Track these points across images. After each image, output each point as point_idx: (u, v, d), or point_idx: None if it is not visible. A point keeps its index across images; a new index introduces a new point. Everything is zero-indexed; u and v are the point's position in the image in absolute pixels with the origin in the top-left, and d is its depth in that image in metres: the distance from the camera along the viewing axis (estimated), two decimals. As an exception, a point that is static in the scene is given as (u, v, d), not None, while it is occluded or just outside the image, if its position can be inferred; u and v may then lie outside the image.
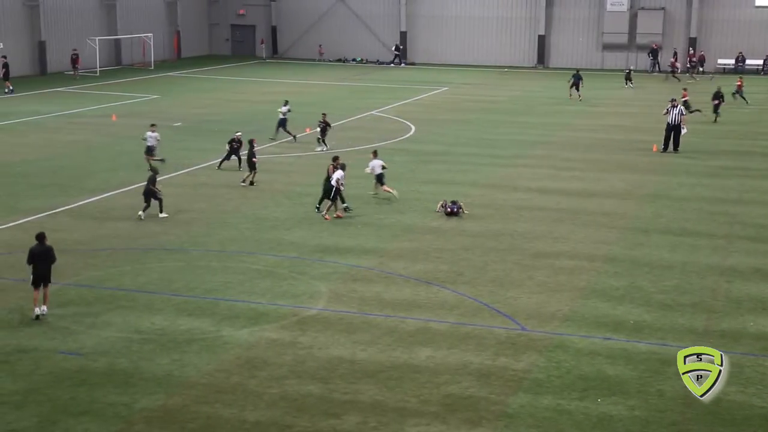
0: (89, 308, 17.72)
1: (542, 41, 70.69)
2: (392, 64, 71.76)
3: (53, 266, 17.33)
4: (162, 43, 71.57)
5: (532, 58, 70.82)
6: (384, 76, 64.66)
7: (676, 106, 35.47)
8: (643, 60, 67.16)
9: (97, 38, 62.74)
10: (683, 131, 35.52)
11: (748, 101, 48.60)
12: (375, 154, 27.66)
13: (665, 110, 35.74)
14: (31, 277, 17.15)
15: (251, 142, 29.12)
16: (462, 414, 13.60)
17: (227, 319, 17.24)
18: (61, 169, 30.95)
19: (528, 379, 14.80)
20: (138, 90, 53.98)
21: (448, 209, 24.98)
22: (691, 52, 66.79)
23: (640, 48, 68.16)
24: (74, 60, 59.60)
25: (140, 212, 24.51)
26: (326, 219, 24.22)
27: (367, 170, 27.23)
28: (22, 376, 14.61)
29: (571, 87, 51.18)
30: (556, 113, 46.61)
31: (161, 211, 24.75)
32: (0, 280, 19.33)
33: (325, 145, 34.01)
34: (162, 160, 30.59)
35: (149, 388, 14.24)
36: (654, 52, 67.03)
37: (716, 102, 43.27)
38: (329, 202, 24.67)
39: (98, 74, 60.98)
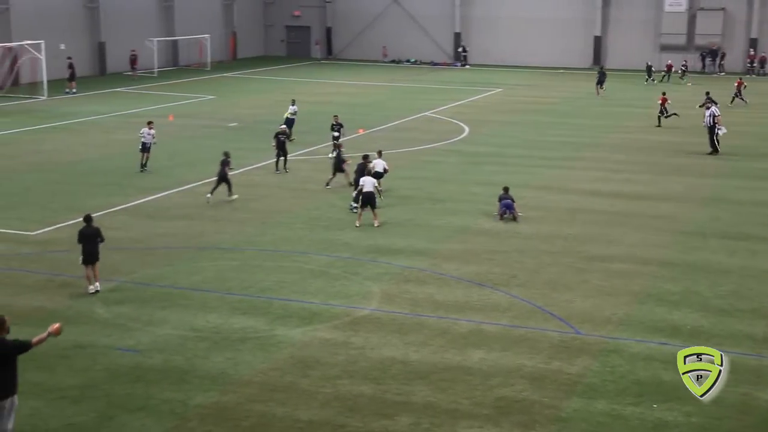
0: (145, 306, 17.93)
1: (598, 42, 69.93)
2: (458, 65, 71.46)
3: (101, 245, 18.80)
4: (218, 44, 72.31)
5: (587, 59, 70.08)
6: (438, 78, 64.51)
7: (709, 107, 35.19)
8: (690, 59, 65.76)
9: (155, 39, 63.61)
10: (720, 132, 34.83)
11: (746, 101, 48.45)
12: (380, 153, 27.65)
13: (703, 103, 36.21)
14: (81, 256, 18.57)
15: (339, 147, 28.79)
16: (515, 417, 13.47)
17: (281, 318, 17.31)
18: (118, 168, 31.41)
19: (582, 384, 14.61)
20: (194, 90, 54.59)
21: (502, 212, 24.69)
22: (752, 53, 65.54)
23: (699, 49, 67.07)
24: (133, 61, 60.53)
25: (208, 194, 26.05)
26: (357, 226, 23.78)
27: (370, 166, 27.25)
28: (80, 372, 14.83)
29: (597, 84, 53.06)
30: (609, 115, 46.05)
31: (230, 193, 26.09)
32: (60, 276, 19.65)
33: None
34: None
35: (204, 386, 14.34)
36: (713, 53, 65.89)
37: None
38: (366, 208, 23.91)
39: (156, 75, 61.82)
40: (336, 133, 33.07)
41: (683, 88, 56.89)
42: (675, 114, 42.06)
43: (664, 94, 43.53)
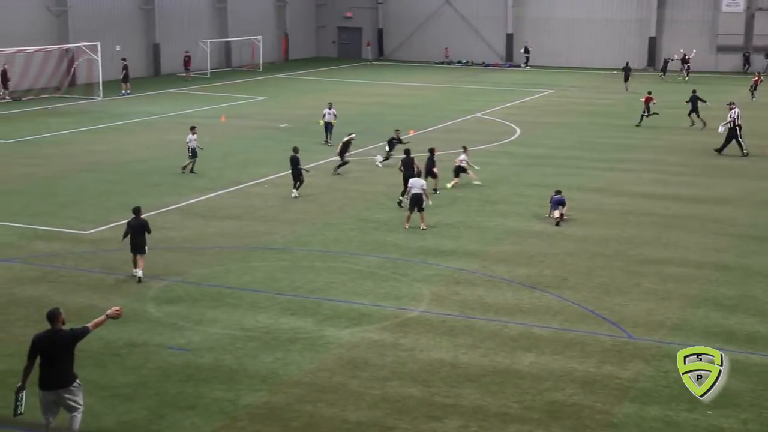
0: (196, 305, 18.10)
1: (653, 43, 69.01)
2: (522, 66, 71.06)
3: (148, 236, 19.61)
4: (270, 46, 72.88)
5: (642, 60, 69.20)
6: (489, 79, 64.22)
7: (733, 109, 34.61)
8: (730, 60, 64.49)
9: (208, 41, 64.33)
10: (720, 129, 34.63)
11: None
12: (464, 149, 28.85)
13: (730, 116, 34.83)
14: (130, 245, 19.53)
15: (431, 151, 27.96)
16: (565, 422, 13.33)
17: (330, 319, 17.36)
18: (171, 169, 31.77)
19: (635, 389, 14.41)
20: (246, 91, 55.07)
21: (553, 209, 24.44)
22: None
23: (757, 51, 65.87)
24: (186, 62, 61.25)
25: (293, 190, 27.11)
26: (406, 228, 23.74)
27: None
28: (132, 370, 15.02)
29: (625, 81, 55.30)
30: (664, 116, 45.36)
31: (295, 188, 27.07)
32: (113, 275, 19.94)
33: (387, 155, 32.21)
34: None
35: (253, 385, 14.43)
36: None
37: None
38: (414, 211, 23.74)
39: (209, 76, 62.52)
40: (388, 148, 32.05)
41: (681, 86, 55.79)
42: (656, 113, 41.78)
43: (649, 93, 43.05)
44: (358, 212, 25.75)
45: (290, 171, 27.68)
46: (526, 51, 71.20)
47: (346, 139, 31.47)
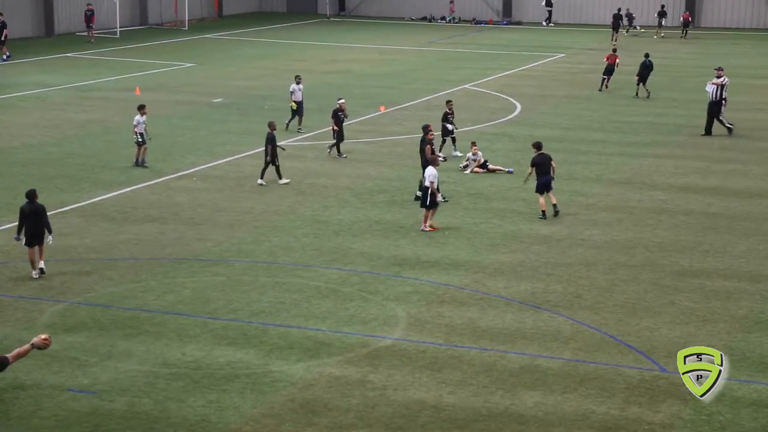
0: (104, 334, 18.05)
1: (691, -1, 69.93)
2: (544, 23, 71.47)
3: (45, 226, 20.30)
4: (199, -2, 72.81)
5: (676, 15, 69.82)
6: (481, 40, 64.56)
7: (721, 77, 35.15)
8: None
9: (117, -9, 64.14)
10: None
11: None
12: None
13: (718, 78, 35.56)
14: (23, 238, 20.16)
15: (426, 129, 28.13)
16: (580, 479, 13.50)
17: (278, 349, 17.40)
18: (70, 157, 31.64)
19: (668, 436, 14.65)
20: (168, 56, 54.90)
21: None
22: None
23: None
24: (88, 18, 60.97)
25: (282, 180, 28.07)
26: (429, 229, 24.02)
27: None
28: (19, 421, 14.93)
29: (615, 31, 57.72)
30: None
31: (280, 177, 28.09)
32: (-5, 295, 19.85)
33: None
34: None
35: (179, 437, 14.48)
36: None
37: None
38: (425, 211, 24.17)
39: (118, 36, 62.27)
40: (450, 125, 31.88)
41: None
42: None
43: (614, 51, 44.76)
44: (315, 212, 25.81)
45: (264, 151, 28.36)
46: (548, 3, 71.43)
47: (336, 106, 31.55)
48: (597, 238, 23.74)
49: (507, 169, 29.57)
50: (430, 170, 24.27)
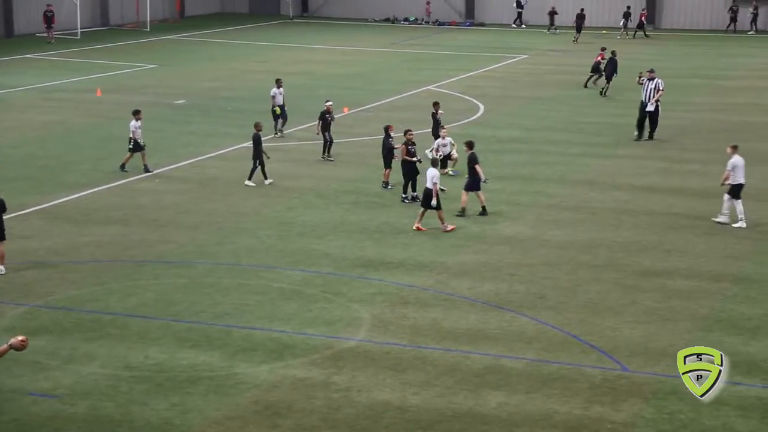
0: (66, 337, 17.95)
1: (652, -3, 70.41)
2: (514, 25, 71.52)
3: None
4: (161, -1, 72.47)
5: (638, 17, 70.23)
6: (444, 41, 64.71)
7: (653, 79, 34.61)
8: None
9: (78, -8, 63.74)
10: (651, 108, 34.65)
11: None
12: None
13: (640, 78, 35.52)
14: None
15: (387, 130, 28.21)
16: (544, 479, 13.57)
17: (242, 352, 17.37)
18: (31, 159, 31.42)
19: (631, 435, 14.74)
20: (130, 57, 54.61)
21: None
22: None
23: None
24: (49, 19, 60.53)
25: (267, 180, 28.24)
26: (421, 229, 24.22)
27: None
28: (-19, 422, 14.87)
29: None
30: (670, 89, 46.12)
31: (266, 178, 28.28)
32: (-45, 299, 19.70)
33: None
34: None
35: (142, 440, 14.43)
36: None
37: None
38: (423, 210, 24.31)
39: (79, 37, 61.85)
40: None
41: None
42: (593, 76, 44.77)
43: (603, 50, 45.35)
44: (279, 214, 25.78)
45: (252, 153, 28.40)
46: (519, 5, 71.42)
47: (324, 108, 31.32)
48: (560, 238, 23.86)
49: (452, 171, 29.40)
50: (433, 171, 24.30)
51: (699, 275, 21.42)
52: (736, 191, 24.96)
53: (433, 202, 23.99)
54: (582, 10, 65.22)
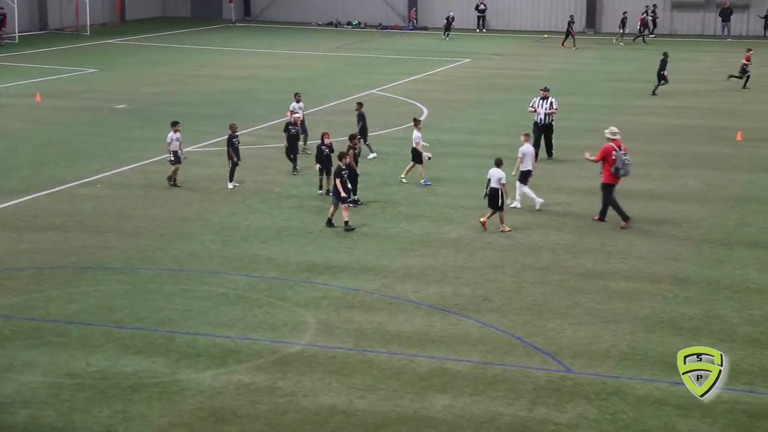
0: (5, 345, 17.75)
1: (592, 2, 70.84)
2: (478, 30, 71.47)
3: None
4: (101, 3, 71.78)
5: (579, 21, 70.90)
6: (388, 45, 64.86)
7: (547, 98, 32.73)
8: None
9: (16, -5, 63.11)
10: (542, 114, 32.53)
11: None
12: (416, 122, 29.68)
13: (531, 105, 32.98)
14: None
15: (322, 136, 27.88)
16: (489, 480, 13.64)
17: (186, 358, 17.28)
18: (-30, 165, 31.06)
19: (575, 436, 14.86)
20: (70, 62, 54.14)
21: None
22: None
23: (720, 7, 68.53)
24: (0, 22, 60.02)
25: (231, 184, 28.25)
26: (508, 229, 24.28)
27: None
28: None
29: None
30: (610, 92, 46.69)
31: (230, 179, 28.22)
32: None
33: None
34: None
35: (84, 448, 14.32)
36: (725, 13, 67.23)
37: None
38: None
39: (17, 41, 61.26)
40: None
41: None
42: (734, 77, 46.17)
43: (750, 51, 46.50)
44: (222, 218, 25.68)
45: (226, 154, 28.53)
46: (479, 9, 71.12)
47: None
48: (503, 241, 24.00)
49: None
50: (500, 172, 24.47)
51: (640, 277, 21.65)
52: (524, 177, 26.56)
53: (503, 200, 24.55)
54: (572, 16, 65.19)
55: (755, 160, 32.84)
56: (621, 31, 65.27)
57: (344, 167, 24.65)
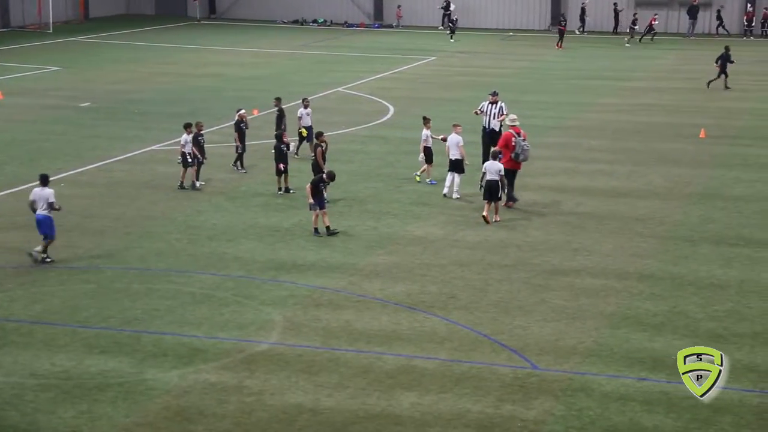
0: (-29, 345, 17.65)
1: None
2: (441, 28, 71.03)
3: None
4: (64, 0, 71.28)
5: (544, 18, 71.21)
6: (354, 43, 64.82)
7: (496, 103, 31.16)
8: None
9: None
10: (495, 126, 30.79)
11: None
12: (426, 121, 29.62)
13: (479, 108, 31.81)
14: None
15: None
16: (457, 477, 13.68)
17: (152, 357, 17.22)
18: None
19: (542, 432, 14.93)
20: (32, 60, 53.78)
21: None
22: (750, 10, 67.76)
23: (683, 5, 68.92)
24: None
25: (198, 183, 27.98)
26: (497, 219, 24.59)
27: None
28: None
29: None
30: (576, 90, 46.90)
31: (197, 178, 27.92)
32: None
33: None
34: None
35: (50, 448, 14.25)
36: (692, 10, 67.61)
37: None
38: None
39: (-20, 40, 60.81)
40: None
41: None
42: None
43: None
44: (188, 217, 25.59)
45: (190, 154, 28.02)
46: (446, 8, 70.92)
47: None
48: (470, 238, 24.07)
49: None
50: (496, 164, 25.02)
51: (605, 273, 21.77)
52: (455, 166, 27.41)
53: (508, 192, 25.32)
54: (564, 15, 65.73)
55: (718, 157, 33.10)
56: (632, 29, 65.54)
57: (327, 179, 24.36)
